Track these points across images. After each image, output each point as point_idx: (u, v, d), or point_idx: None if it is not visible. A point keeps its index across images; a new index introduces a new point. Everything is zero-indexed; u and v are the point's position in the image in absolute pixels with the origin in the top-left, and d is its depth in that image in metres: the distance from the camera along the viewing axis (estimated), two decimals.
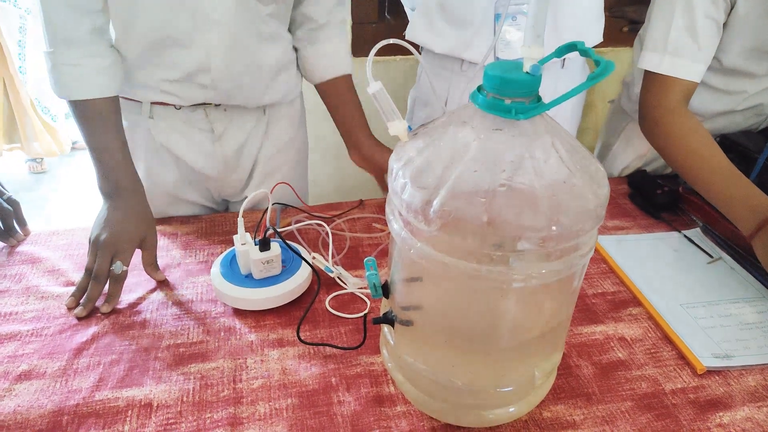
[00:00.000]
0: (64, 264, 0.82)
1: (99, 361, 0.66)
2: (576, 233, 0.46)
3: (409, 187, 0.48)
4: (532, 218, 0.45)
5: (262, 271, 0.73)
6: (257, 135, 0.97)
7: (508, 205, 0.45)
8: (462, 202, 0.45)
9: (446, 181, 0.46)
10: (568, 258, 0.48)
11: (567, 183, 0.46)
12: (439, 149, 0.49)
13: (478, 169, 0.46)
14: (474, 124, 0.48)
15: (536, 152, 0.47)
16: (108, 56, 0.79)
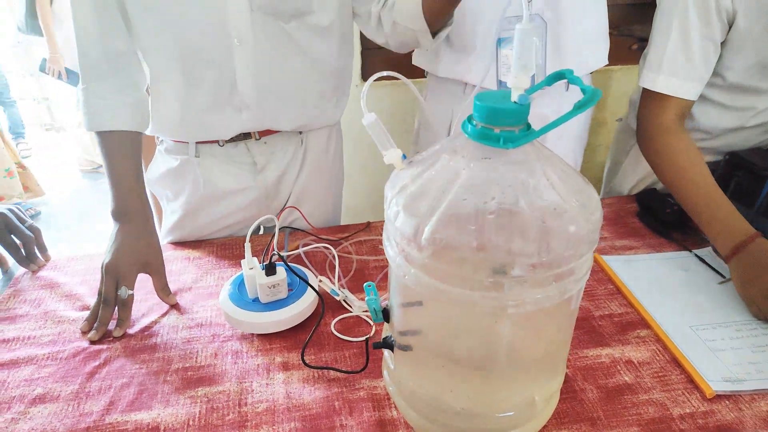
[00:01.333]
0: (80, 289, 0.85)
1: (110, 384, 0.68)
2: (568, 259, 0.47)
3: (402, 214, 0.49)
4: (521, 245, 0.45)
5: (268, 295, 0.75)
6: (296, 163, 1.00)
7: (498, 233, 0.46)
8: (452, 229, 0.46)
9: (437, 209, 0.47)
10: (561, 283, 0.49)
11: (557, 209, 0.47)
12: (431, 177, 0.50)
13: (468, 197, 0.47)
14: (464, 152, 0.49)
15: (526, 179, 0.47)
16: (134, 95, 0.85)
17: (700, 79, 0.90)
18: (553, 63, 0.99)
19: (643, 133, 0.97)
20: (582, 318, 0.79)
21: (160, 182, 0.99)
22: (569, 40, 0.97)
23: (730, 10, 0.84)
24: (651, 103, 0.94)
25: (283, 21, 0.83)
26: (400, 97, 1.63)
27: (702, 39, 0.86)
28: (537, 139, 0.48)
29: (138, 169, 0.84)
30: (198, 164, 0.94)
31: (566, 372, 0.69)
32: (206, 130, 0.89)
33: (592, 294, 0.84)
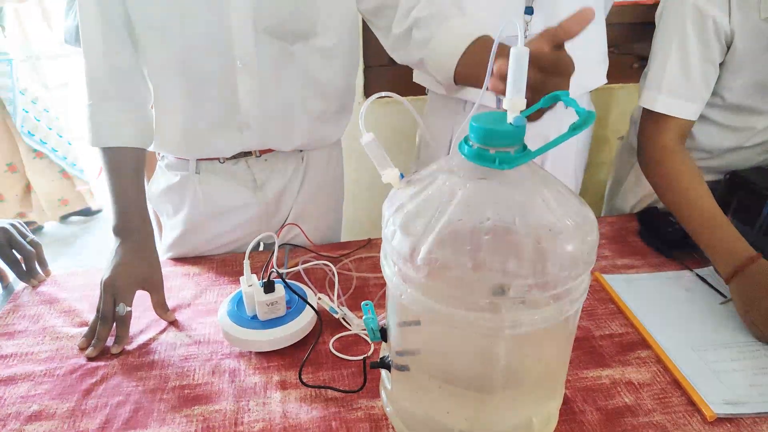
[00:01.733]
0: (79, 305, 0.85)
1: (106, 402, 0.68)
2: (564, 280, 0.47)
3: (398, 233, 0.49)
4: (517, 265, 0.45)
5: (266, 312, 0.75)
6: (296, 181, 1.01)
7: (493, 253, 0.46)
8: (448, 250, 0.46)
9: (433, 229, 0.47)
10: (558, 304, 0.48)
11: (553, 230, 0.47)
12: (428, 197, 0.50)
13: (464, 217, 0.47)
14: (461, 172, 0.50)
15: (521, 200, 0.48)
16: (138, 113, 0.86)
17: (700, 100, 0.90)
18: None
19: (643, 153, 0.97)
20: (582, 338, 0.78)
21: (160, 198, 0.99)
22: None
23: (728, 31, 0.84)
24: (651, 123, 0.94)
25: (287, 42, 0.84)
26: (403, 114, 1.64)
27: (701, 60, 0.87)
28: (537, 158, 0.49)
29: (140, 186, 0.84)
30: (198, 181, 0.95)
31: (566, 393, 0.68)
32: (207, 148, 0.90)
33: (592, 313, 0.83)
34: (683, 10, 0.86)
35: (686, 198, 0.89)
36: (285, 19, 0.81)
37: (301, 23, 0.83)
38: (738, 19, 0.83)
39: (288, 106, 0.89)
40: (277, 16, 0.81)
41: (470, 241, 0.46)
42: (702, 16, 0.84)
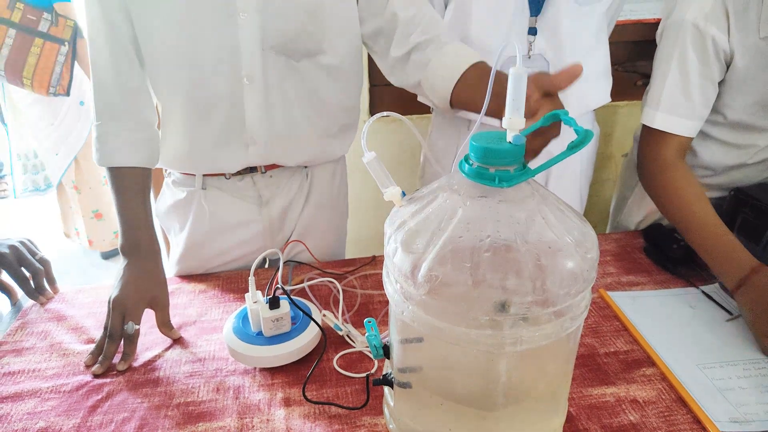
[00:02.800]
0: (87, 322, 0.86)
1: (111, 419, 0.68)
2: (563, 297, 0.47)
3: (400, 251, 0.50)
4: (517, 283, 0.46)
5: (271, 329, 0.75)
6: (300, 198, 1.02)
7: (493, 271, 0.46)
8: (448, 267, 0.47)
9: (434, 247, 0.48)
10: (559, 321, 0.49)
11: (552, 248, 0.47)
12: (429, 215, 0.51)
13: (464, 235, 0.47)
14: (461, 191, 0.50)
15: (521, 218, 0.48)
16: (146, 133, 0.87)
17: (698, 117, 0.91)
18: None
19: (643, 169, 0.98)
20: (587, 355, 0.78)
21: (167, 214, 1.00)
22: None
23: (727, 50, 0.85)
24: (650, 139, 0.95)
25: (294, 60, 0.85)
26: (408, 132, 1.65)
27: (700, 78, 0.88)
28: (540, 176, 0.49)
29: (147, 205, 0.85)
30: (204, 196, 0.96)
31: (570, 411, 0.68)
32: (213, 164, 0.92)
33: (597, 331, 0.83)
34: (683, 29, 0.87)
35: (688, 211, 0.90)
36: (292, 37, 0.83)
37: (308, 42, 0.84)
38: (737, 38, 0.84)
39: (293, 122, 0.90)
40: (284, 34, 0.82)
41: (470, 258, 0.46)
42: (701, 35, 0.86)
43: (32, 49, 1.96)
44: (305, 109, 0.90)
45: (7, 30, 1.91)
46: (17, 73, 1.98)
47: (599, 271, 0.97)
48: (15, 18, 1.92)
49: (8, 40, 1.93)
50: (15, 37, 1.93)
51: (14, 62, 1.95)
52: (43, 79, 2.00)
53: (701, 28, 0.85)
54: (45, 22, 1.95)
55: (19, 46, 1.94)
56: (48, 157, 2.36)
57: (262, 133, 0.89)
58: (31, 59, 1.97)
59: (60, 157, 2.33)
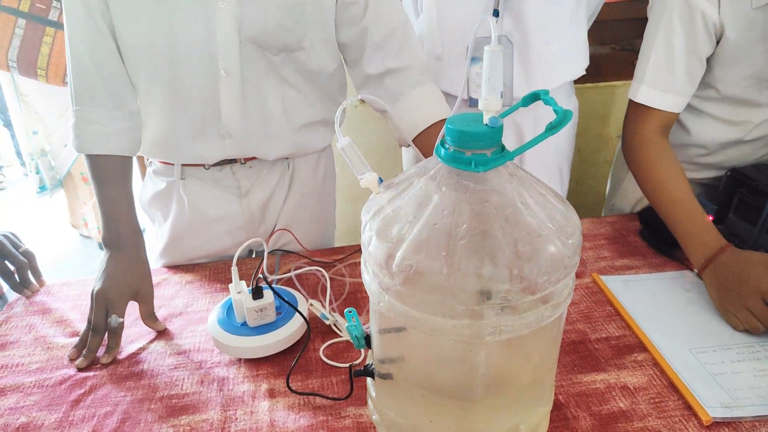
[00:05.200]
0: (72, 315, 0.85)
1: (94, 413, 0.67)
2: (543, 284, 0.45)
3: (374, 239, 0.48)
4: (493, 271, 0.44)
5: (256, 319, 0.74)
6: (282, 189, 1.00)
7: (469, 259, 0.44)
8: (423, 256, 0.45)
9: (408, 235, 0.46)
10: (539, 309, 0.47)
11: (531, 234, 0.45)
12: (404, 202, 0.49)
13: (439, 222, 0.46)
14: (437, 176, 0.48)
15: (499, 203, 0.46)
16: (126, 120, 0.84)
17: (682, 93, 0.89)
18: (522, 81, 1.01)
19: (625, 143, 0.97)
20: (578, 341, 0.77)
21: (150, 205, 0.99)
22: (538, 60, 0.99)
23: (717, 24, 0.82)
24: (633, 113, 0.94)
25: (271, 54, 0.83)
26: None
27: (686, 53, 0.86)
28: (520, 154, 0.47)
29: (129, 195, 0.84)
30: (183, 187, 0.94)
31: (559, 398, 0.67)
32: (191, 154, 0.89)
33: (589, 316, 0.81)
34: (671, 2, 0.84)
35: (663, 189, 0.89)
36: (270, 30, 0.81)
37: (287, 36, 0.82)
38: (728, 10, 0.81)
39: (271, 116, 0.88)
40: (262, 27, 0.80)
41: (446, 246, 0.45)
42: (690, 8, 0.83)
43: (44, 39, 1.89)
44: (283, 103, 0.88)
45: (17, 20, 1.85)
46: (31, 65, 1.92)
47: (593, 256, 0.96)
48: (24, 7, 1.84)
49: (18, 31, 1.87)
50: (25, 28, 1.87)
51: (27, 54, 1.89)
52: (58, 69, 1.94)
53: (690, 2, 0.82)
54: (55, 10, 1.88)
55: (30, 36, 1.87)
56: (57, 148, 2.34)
57: (237, 127, 0.86)
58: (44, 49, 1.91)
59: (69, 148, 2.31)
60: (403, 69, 0.87)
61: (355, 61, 0.90)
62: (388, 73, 0.87)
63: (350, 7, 0.85)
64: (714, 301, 0.80)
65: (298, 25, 0.82)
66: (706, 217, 0.85)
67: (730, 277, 0.78)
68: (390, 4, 0.87)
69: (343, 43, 0.89)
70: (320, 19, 0.84)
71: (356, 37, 0.87)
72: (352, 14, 0.85)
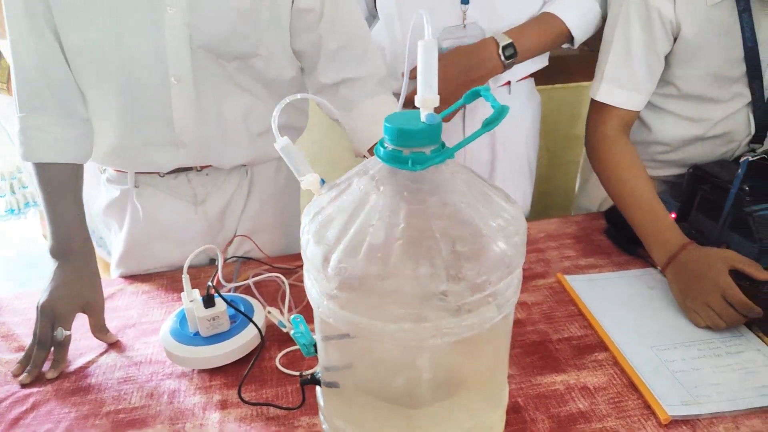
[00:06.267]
0: (19, 329, 0.82)
1: (34, 431, 0.64)
2: (483, 284, 0.44)
3: (311, 243, 0.46)
4: (431, 272, 0.42)
5: (208, 328, 0.72)
6: (240, 196, 0.97)
7: (406, 260, 0.43)
8: (358, 258, 0.43)
9: (344, 237, 0.44)
10: (482, 310, 0.46)
11: (472, 233, 0.44)
12: (343, 203, 0.47)
13: (376, 223, 0.44)
14: (376, 175, 0.47)
15: (438, 202, 0.45)
16: (75, 127, 0.81)
17: (642, 90, 0.89)
18: None
19: (587, 143, 0.97)
20: (539, 342, 0.75)
21: (105, 213, 0.96)
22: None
23: (673, 21, 0.82)
24: (594, 112, 0.94)
25: (225, 61, 0.81)
26: None
27: (645, 50, 0.86)
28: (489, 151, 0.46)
29: (79, 204, 0.81)
30: (137, 195, 0.91)
31: (518, 401, 0.66)
32: (144, 162, 0.87)
33: (551, 317, 0.80)
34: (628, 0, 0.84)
35: (625, 187, 0.89)
36: (223, 38, 0.78)
37: (241, 44, 0.80)
38: (684, 7, 0.81)
39: (228, 124, 0.85)
40: (214, 34, 0.78)
41: (382, 248, 0.43)
42: (647, 6, 0.83)
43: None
44: (240, 111, 0.85)
45: None
46: None
47: (558, 255, 0.95)
48: None
49: None
50: None
51: None
52: None
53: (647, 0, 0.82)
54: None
55: None
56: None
57: (191, 135, 0.84)
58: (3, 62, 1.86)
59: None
60: (359, 79, 0.86)
61: (310, 69, 0.88)
62: (343, 82, 0.86)
63: (305, 15, 0.83)
64: (676, 299, 0.80)
65: (253, 32, 0.79)
66: (668, 215, 0.85)
67: (691, 274, 0.77)
68: (347, 13, 0.85)
69: (298, 50, 0.87)
70: (275, 25, 0.82)
71: (311, 45, 0.85)
72: (307, 22, 0.84)
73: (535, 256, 0.94)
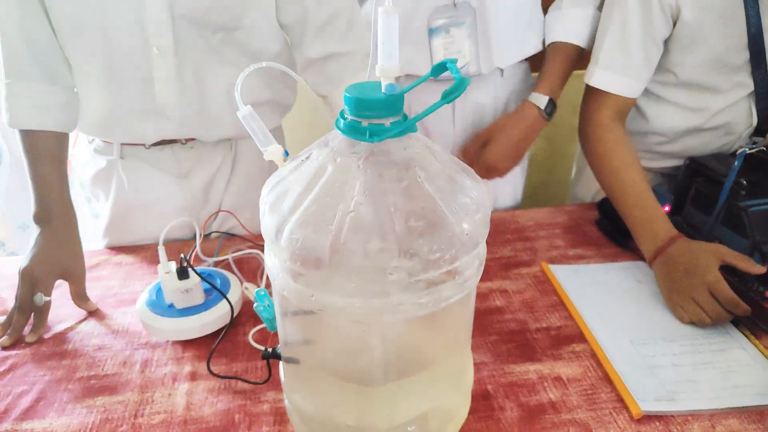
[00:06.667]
0: (4, 294, 0.83)
1: (9, 391, 0.65)
2: (437, 262, 0.43)
3: (267, 213, 0.46)
4: (381, 246, 0.41)
5: (182, 300, 0.72)
6: (225, 170, 0.96)
7: (356, 234, 0.42)
8: (310, 230, 0.42)
9: (298, 208, 0.44)
10: (439, 288, 0.45)
11: (426, 208, 0.43)
12: (302, 174, 0.46)
13: (330, 195, 0.43)
14: (335, 147, 0.46)
15: (394, 176, 0.44)
16: (60, 95, 0.81)
17: (638, 77, 0.86)
18: (484, 50, 0.98)
19: (580, 130, 0.95)
20: (517, 331, 0.74)
21: (92, 183, 0.96)
22: (499, 28, 0.96)
23: (673, 5, 0.79)
24: (589, 98, 0.92)
25: (208, 32, 0.80)
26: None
27: (642, 35, 0.83)
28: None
29: (62, 172, 0.81)
30: (122, 166, 0.91)
31: (487, 389, 0.65)
32: (129, 133, 0.87)
33: (531, 306, 0.79)
34: None
35: (616, 177, 0.86)
36: (204, 8, 0.77)
37: (223, 15, 0.79)
38: None
39: (211, 97, 0.85)
40: (194, 4, 0.77)
41: (334, 220, 0.42)
42: None
43: None
44: (224, 84, 0.84)
45: None
46: None
47: (546, 245, 0.93)
48: None
49: None
50: None
51: None
52: None
53: None
54: None
55: None
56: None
57: (174, 108, 0.83)
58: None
59: None
60: (346, 54, 0.85)
61: (297, 43, 0.87)
62: (330, 57, 0.85)
63: None
64: (662, 293, 0.78)
65: (235, 3, 0.78)
66: (659, 207, 0.82)
67: (679, 268, 0.75)
68: None
69: (284, 24, 0.86)
70: None
71: (297, 19, 0.84)
72: None
73: (522, 245, 0.93)
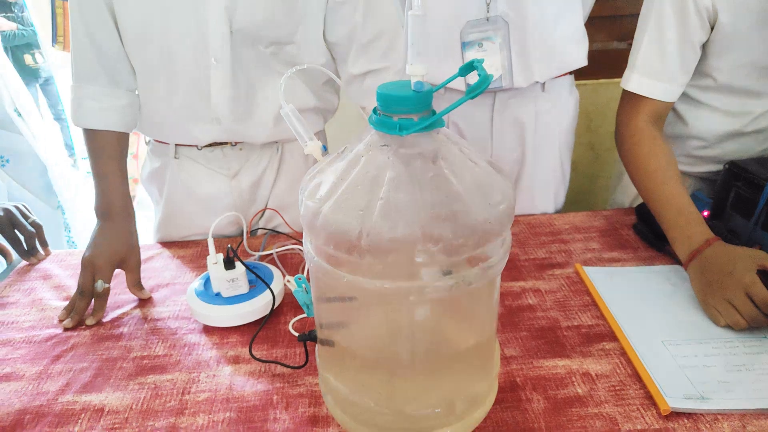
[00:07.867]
0: (69, 281, 0.90)
1: (71, 367, 0.72)
2: (460, 248, 0.45)
3: (305, 200, 0.50)
4: (407, 232, 0.45)
5: (228, 289, 0.77)
6: (271, 171, 1.02)
7: (385, 219, 0.45)
8: (342, 215, 0.46)
9: (333, 195, 0.47)
10: (464, 273, 0.47)
11: (449, 197, 0.46)
12: (338, 166, 0.50)
13: (361, 183, 0.47)
14: (370, 141, 0.50)
15: (421, 167, 0.47)
16: (123, 98, 0.89)
17: (675, 81, 0.86)
18: (521, 64, 0.99)
19: (617, 134, 0.95)
20: (547, 328, 0.75)
21: (148, 182, 1.04)
22: (536, 42, 0.97)
23: (710, 8, 0.79)
24: (626, 103, 0.92)
25: (262, 45, 0.86)
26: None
27: (678, 39, 0.83)
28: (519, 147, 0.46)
29: (123, 169, 0.88)
30: (176, 166, 0.98)
31: (516, 381, 0.67)
32: (183, 135, 0.93)
33: (563, 304, 0.80)
34: None
35: (654, 180, 0.86)
36: (261, 23, 0.83)
37: (277, 30, 0.85)
38: None
39: (261, 104, 0.91)
40: (253, 19, 0.83)
41: (365, 206, 0.46)
42: None
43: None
44: (271, 93, 0.90)
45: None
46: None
47: (581, 247, 0.94)
48: None
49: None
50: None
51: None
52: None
53: None
54: None
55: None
56: None
57: (226, 114, 0.89)
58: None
59: None
60: (384, 69, 0.90)
61: (341, 60, 0.93)
62: (370, 73, 0.90)
63: (342, 7, 0.87)
64: (697, 295, 0.77)
65: (288, 20, 0.84)
66: (695, 210, 0.82)
67: (714, 270, 0.75)
68: (382, 6, 0.88)
69: (331, 42, 0.91)
70: (310, 15, 0.87)
71: (344, 37, 0.89)
72: (342, 14, 0.88)
73: (557, 247, 0.94)
